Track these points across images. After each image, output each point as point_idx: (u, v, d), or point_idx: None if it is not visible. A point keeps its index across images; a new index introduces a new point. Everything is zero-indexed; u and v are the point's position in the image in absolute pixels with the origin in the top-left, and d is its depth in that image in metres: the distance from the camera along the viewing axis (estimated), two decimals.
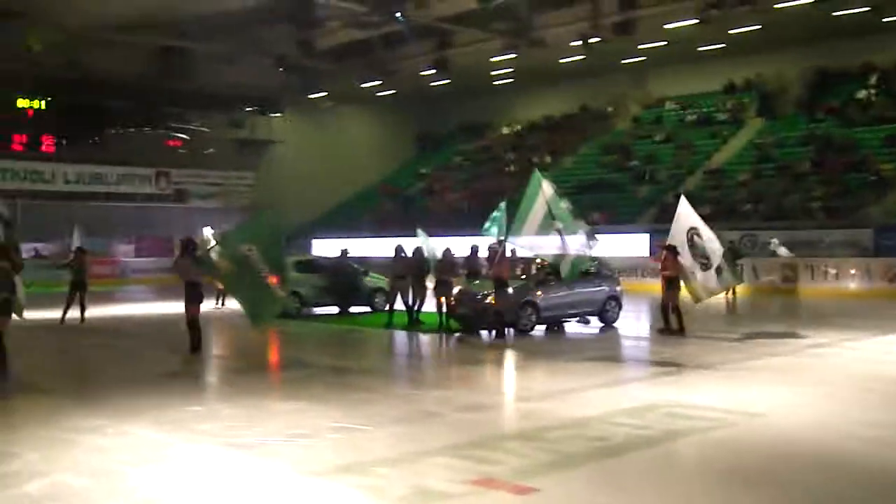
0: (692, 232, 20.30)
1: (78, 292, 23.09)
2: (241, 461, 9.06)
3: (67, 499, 7.78)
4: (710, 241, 20.42)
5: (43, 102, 45.57)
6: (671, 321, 20.00)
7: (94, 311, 23.66)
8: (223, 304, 27.10)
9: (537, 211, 19.65)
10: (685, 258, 20.12)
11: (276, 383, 15.21)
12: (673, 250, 20.17)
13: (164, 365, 16.44)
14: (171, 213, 49.91)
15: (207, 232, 28.22)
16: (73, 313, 22.70)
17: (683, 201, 21.34)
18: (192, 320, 16.88)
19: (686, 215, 20.78)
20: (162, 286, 40.68)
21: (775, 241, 33.05)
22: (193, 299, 16.79)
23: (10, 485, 8.25)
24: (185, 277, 16.84)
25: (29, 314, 17.32)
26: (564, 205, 19.89)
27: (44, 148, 46.17)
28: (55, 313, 23.10)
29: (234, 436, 10.13)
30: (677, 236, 20.34)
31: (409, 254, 22.49)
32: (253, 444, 9.74)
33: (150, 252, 46.63)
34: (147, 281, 44.35)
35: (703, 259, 20.14)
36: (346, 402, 12.30)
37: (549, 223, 19.38)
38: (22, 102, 45.01)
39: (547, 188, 19.75)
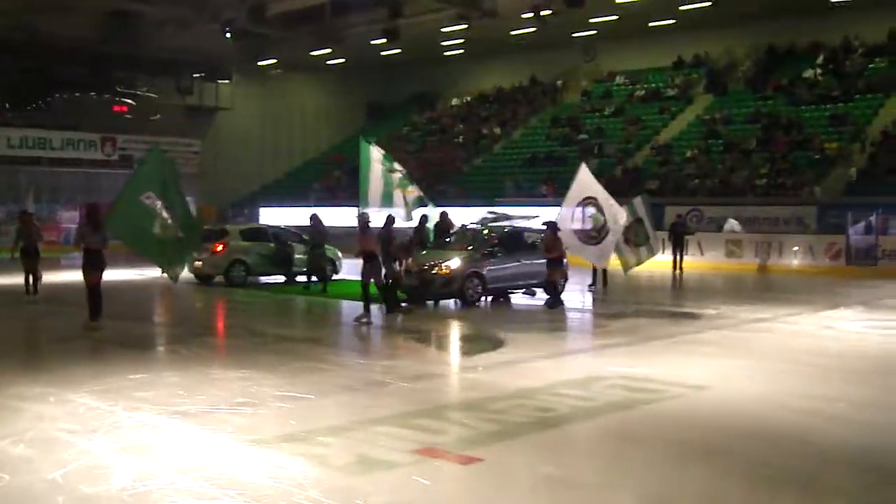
0: (587, 201, 20.38)
1: (29, 260, 21.15)
2: (183, 429, 9.01)
3: (9, 467, 7.70)
4: (613, 213, 20.49)
5: None
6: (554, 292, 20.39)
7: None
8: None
9: (375, 179, 21.11)
10: (565, 233, 20.34)
11: (220, 352, 15.13)
12: (553, 228, 20.29)
13: (109, 332, 16.26)
14: (117, 178, 49.21)
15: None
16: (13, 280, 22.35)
17: (584, 169, 21.47)
18: (94, 287, 16.52)
19: (584, 183, 20.92)
20: (107, 253, 40.24)
21: (732, 220, 33.53)
22: (94, 266, 16.49)
23: None
24: (87, 245, 16.55)
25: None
26: (395, 168, 21.53)
27: None
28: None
29: (177, 404, 10.06)
30: (566, 206, 20.63)
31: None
32: (196, 413, 9.69)
33: None
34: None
35: (593, 232, 20.35)
36: (291, 371, 12.27)
37: (388, 189, 21.10)
38: None
39: (376, 155, 21.21)
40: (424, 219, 22.88)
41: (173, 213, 15.82)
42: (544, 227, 20.83)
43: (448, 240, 22.75)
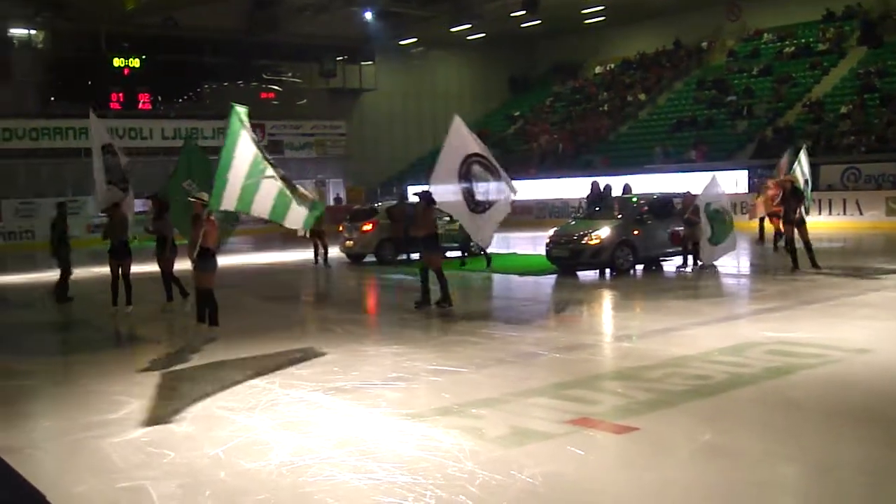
0: (472, 160, 15.85)
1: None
2: (339, 405, 9.14)
3: (171, 445, 7.94)
4: (505, 184, 16.20)
5: (138, 61, 46.35)
6: (431, 292, 16.26)
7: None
8: (326, 263, 26.28)
9: (243, 157, 13.50)
10: (448, 203, 15.95)
11: (372, 328, 15.31)
12: (427, 199, 16.14)
13: (262, 312, 16.62)
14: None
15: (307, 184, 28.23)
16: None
17: (457, 121, 16.43)
18: (167, 273, 16.89)
19: (461, 138, 16.19)
20: (259, 237, 41.34)
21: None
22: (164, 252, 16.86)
23: (115, 432, 8.45)
24: (160, 233, 16.91)
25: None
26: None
27: (140, 105, 46.94)
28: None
29: (333, 380, 10.22)
30: (443, 173, 15.85)
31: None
32: (351, 389, 9.81)
33: None
34: (245, 232, 44.99)
35: (480, 197, 15.80)
36: (443, 344, 12.34)
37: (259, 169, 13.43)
38: (118, 62, 45.84)
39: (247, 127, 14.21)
40: (608, 188, 22.66)
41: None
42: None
43: (598, 209, 22.53)
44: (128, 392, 10.11)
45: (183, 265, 15.48)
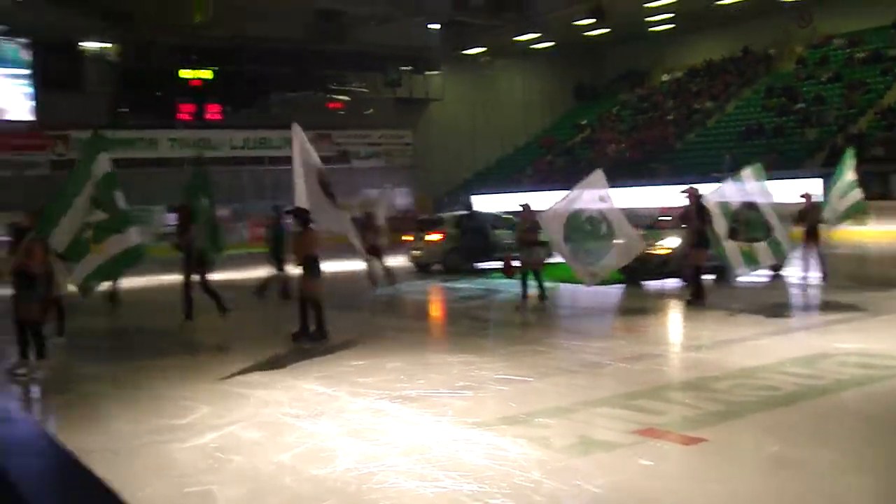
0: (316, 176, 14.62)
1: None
2: (405, 413, 9.15)
3: (238, 450, 8.01)
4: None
5: (210, 72, 47.02)
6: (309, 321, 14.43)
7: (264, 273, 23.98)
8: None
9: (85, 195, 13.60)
10: (322, 215, 14.93)
11: (439, 337, 15.32)
12: (303, 218, 14.70)
13: (330, 322, 16.69)
14: (335, 173, 50.75)
15: (373, 194, 28.38)
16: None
17: (296, 129, 14.74)
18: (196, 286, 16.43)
19: (305, 150, 14.69)
20: (329, 247, 41.59)
21: None
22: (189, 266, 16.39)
23: (184, 438, 8.55)
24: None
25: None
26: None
27: (209, 116, 47.50)
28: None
29: (399, 388, 10.25)
30: (303, 187, 14.56)
31: None
32: (417, 397, 9.83)
33: None
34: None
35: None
36: (509, 354, 12.30)
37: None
38: (187, 74, 46.53)
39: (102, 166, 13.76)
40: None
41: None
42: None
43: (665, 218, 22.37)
44: (196, 398, 10.23)
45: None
